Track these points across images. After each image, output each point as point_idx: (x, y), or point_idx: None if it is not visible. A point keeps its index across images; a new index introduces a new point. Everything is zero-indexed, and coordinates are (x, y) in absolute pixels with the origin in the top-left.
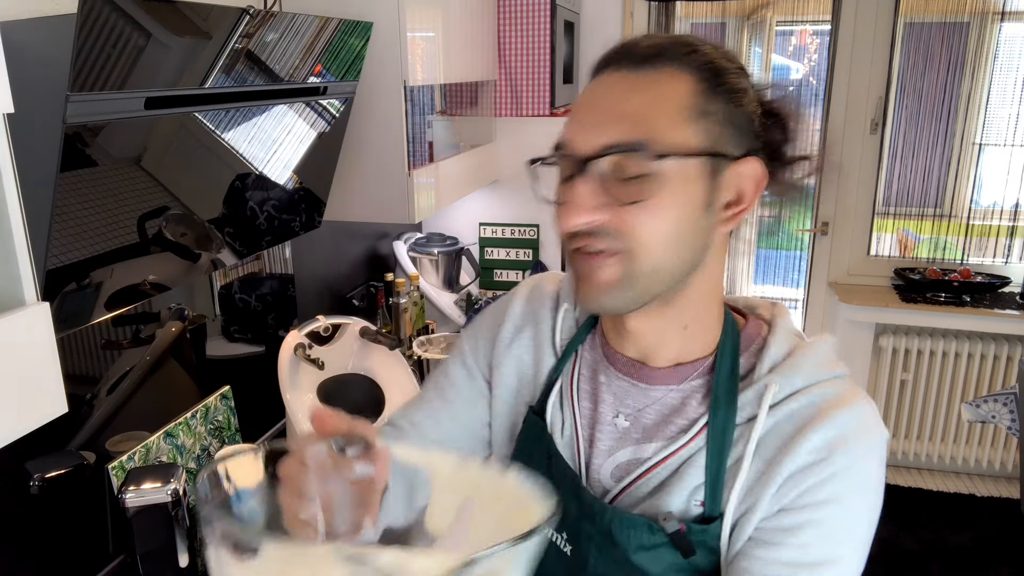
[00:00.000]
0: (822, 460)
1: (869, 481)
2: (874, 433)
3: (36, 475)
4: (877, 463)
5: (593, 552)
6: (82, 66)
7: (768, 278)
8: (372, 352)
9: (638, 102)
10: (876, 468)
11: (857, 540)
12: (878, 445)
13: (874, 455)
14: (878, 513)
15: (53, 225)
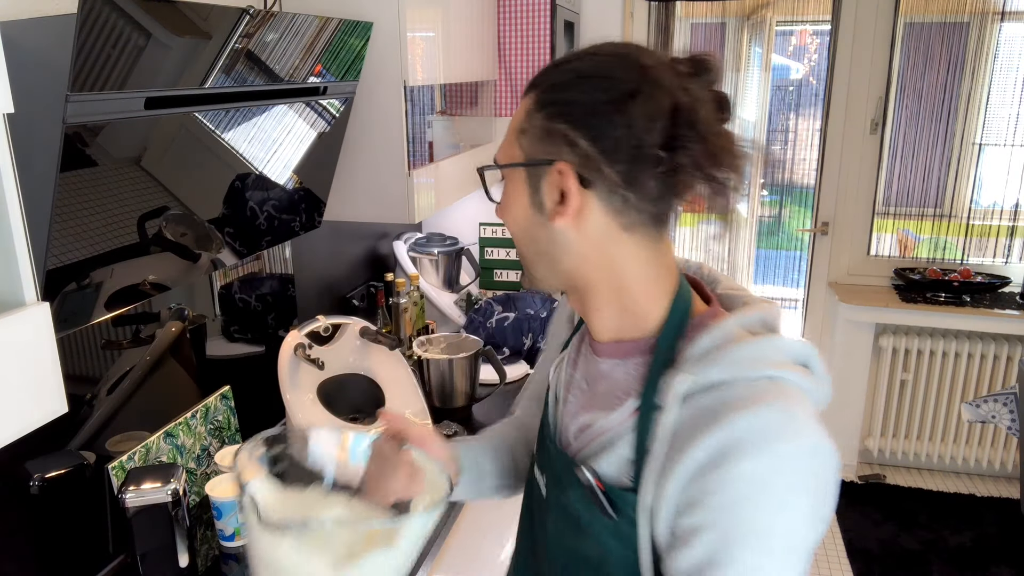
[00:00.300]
0: (717, 463)
1: (771, 490)
2: (778, 444)
3: (36, 475)
4: (782, 474)
5: (554, 494)
6: (82, 66)
7: (768, 278)
8: (372, 352)
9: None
10: (781, 478)
11: (764, 551)
12: (784, 457)
13: (777, 465)
14: (798, 522)
15: (53, 225)
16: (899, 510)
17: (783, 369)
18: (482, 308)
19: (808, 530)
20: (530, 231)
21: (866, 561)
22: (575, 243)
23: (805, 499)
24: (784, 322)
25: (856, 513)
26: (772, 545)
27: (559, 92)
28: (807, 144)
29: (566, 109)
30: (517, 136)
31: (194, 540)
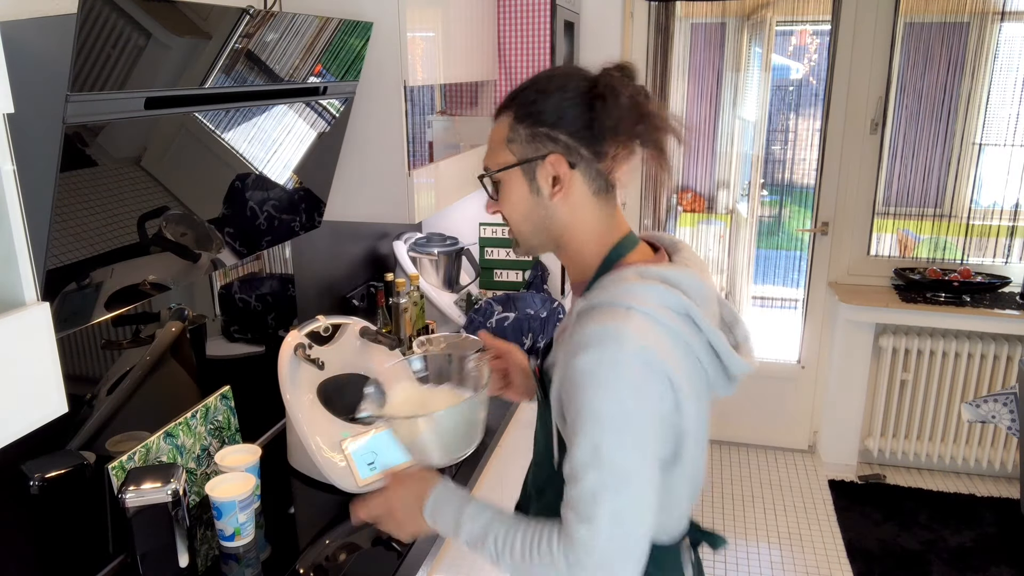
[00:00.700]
0: (569, 360)
1: (597, 379)
2: (604, 345)
3: (36, 475)
4: (604, 367)
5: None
6: (82, 66)
7: (768, 278)
8: (372, 352)
9: (490, 141)
10: (604, 370)
11: (599, 429)
12: (607, 355)
13: (601, 359)
14: (624, 406)
15: (53, 225)
16: (899, 510)
17: (645, 306)
18: (482, 308)
19: (638, 417)
20: (529, 213)
21: (866, 561)
22: (564, 213)
23: (627, 389)
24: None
25: (856, 513)
26: (604, 424)
27: (532, 107)
28: (807, 144)
29: (542, 117)
30: (506, 145)
31: (194, 540)
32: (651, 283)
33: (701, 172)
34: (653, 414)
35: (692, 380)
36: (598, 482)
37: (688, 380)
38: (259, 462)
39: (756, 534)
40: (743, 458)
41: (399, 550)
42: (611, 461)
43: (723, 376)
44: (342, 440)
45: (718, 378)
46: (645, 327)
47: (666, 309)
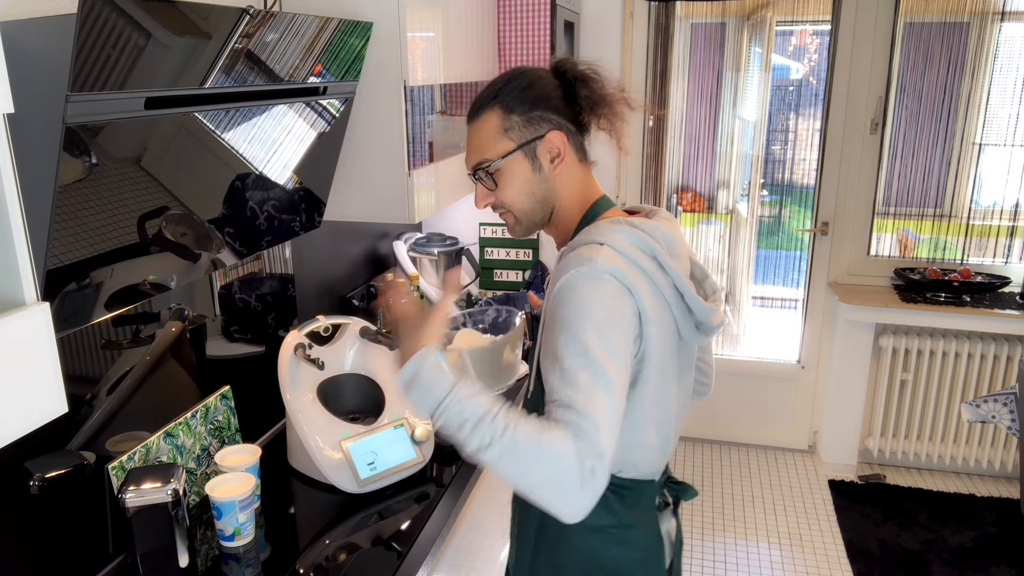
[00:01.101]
0: (553, 287)
1: (573, 294)
2: (579, 268)
3: (36, 475)
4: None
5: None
6: (82, 66)
7: (768, 278)
8: (372, 352)
9: (476, 139)
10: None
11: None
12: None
13: (576, 279)
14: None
15: (53, 225)
16: (899, 510)
17: (615, 242)
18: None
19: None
20: (533, 191)
21: (866, 561)
22: (560, 183)
23: (606, 298)
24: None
25: (856, 513)
26: (589, 326)
27: (523, 95)
28: (807, 144)
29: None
30: (502, 135)
31: (194, 540)
32: (621, 226)
33: (701, 172)
34: (627, 325)
35: (657, 313)
36: (590, 381)
37: (653, 309)
38: (259, 462)
39: (756, 534)
40: (743, 458)
41: (399, 550)
42: (597, 361)
43: (690, 322)
44: (342, 440)
45: (685, 324)
46: (615, 257)
47: (634, 247)
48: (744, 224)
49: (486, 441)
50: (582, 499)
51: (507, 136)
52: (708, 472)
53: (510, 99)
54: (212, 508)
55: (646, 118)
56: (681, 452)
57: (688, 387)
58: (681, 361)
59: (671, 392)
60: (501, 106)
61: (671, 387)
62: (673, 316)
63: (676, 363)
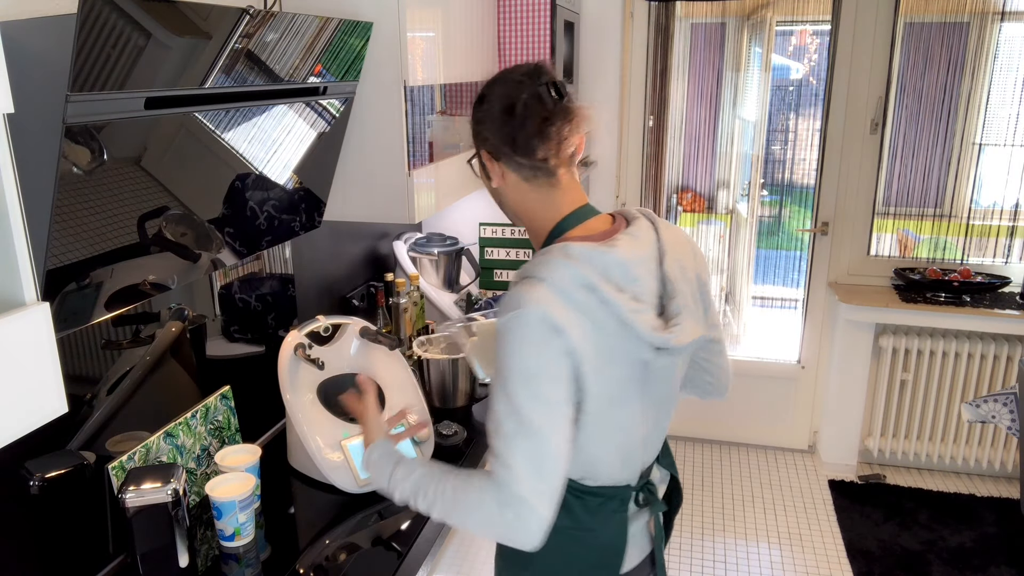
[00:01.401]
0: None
1: (505, 339)
2: (510, 311)
3: (36, 475)
4: (510, 330)
5: None
6: (82, 66)
7: (768, 278)
8: (372, 352)
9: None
10: (510, 333)
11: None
12: (511, 319)
13: (507, 324)
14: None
15: (53, 225)
16: (899, 510)
17: (552, 277)
18: (482, 308)
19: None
20: (492, 193)
21: (866, 561)
22: (506, 195)
23: (530, 347)
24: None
25: (856, 513)
26: (514, 378)
27: (475, 111)
28: (807, 144)
29: (477, 120)
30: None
31: (194, 540)
32: (558, 258)
33: (701, 172)
34: (555, 369)
35: (598, 345)
36: (512, 430)
37: (591, 344)
38: (259, 462)
39: (756, 534)
40: (743, 458)
41: (399, 550)
42: (520, 410)
43: (643, 344)
44: (342, 440)
45: (642, 348)
46: (548, 295)
47: (571, 283)
48: (744, 224)
49: (430, 505)
50: (520, 537)
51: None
52: (708, 472)
53: (474, 110)
54: (212, 508)
55: (646, 118)
56: (681, 452)
57: (666, 399)
58: (648, 380)
59: (631, 414)
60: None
61: (630, 410)
62: (624, 342)
63: (637, 386)
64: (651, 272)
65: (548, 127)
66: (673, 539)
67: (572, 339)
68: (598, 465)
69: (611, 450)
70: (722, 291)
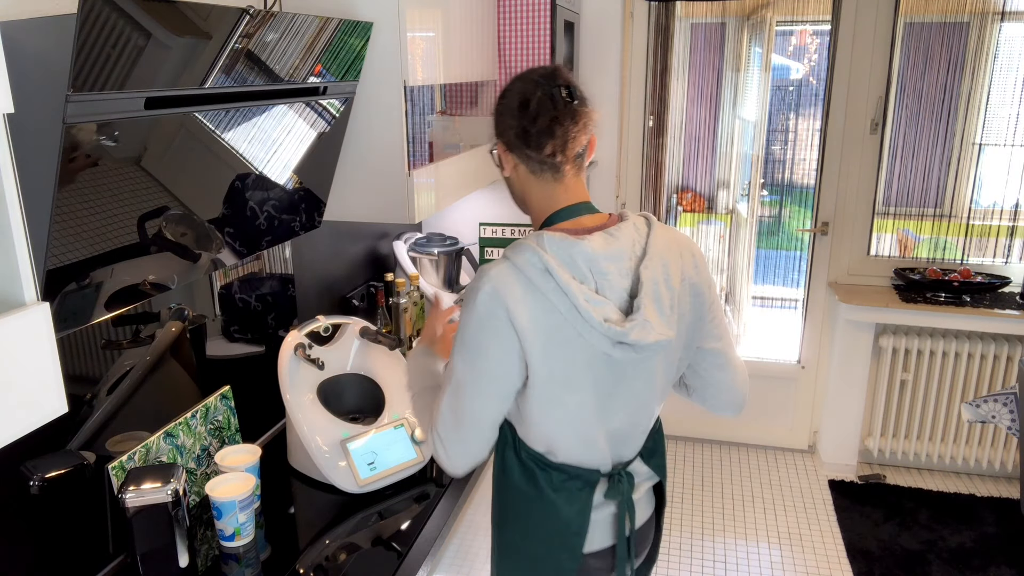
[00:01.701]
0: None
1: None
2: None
3: (36, 475)
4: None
5: None
6: (82, 66)
7: (768, 278)
8: (372, 352)
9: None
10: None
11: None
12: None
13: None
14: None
15: (53, 225)
16: (899, 510)
17: (516, 259)
18: None
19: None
20: (506, 183)
21: (866, 561)
22: (515, 184)
23: (474, 318)
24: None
25: (856, 513)
26: (457, 343)
27: (495, 107)
28: (807, 144)
29: (497, 116)
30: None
31: (194, 540)
32: (529, 243)
33: (701, 172)
34: (494, 342)
35: (547, 327)
36: (447, 386)
37: (539, 325)
38: (259, 462)
39: (756, 534)
40: (743, 458)
41: (399, 550)
42: (455, 371)
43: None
44: (342, 440)
45: (598, 339)
46: (506, 274)
47: (531, 264)
48: (744, 224)
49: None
50: (440, 463)
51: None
52: (708, 472)
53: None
54: (212, 508)
55: (646, 118)
56: (681, 452)
57: (641, 397)
58: (613, 373)
59: (583, 401)
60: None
61: (582, 396)
62: (575, 329)
63: (592, 375)
64: (623, 270)
65: (556, 126)
66: (673, 539)
67: (518, 316)
68: (557, 442)
69: (568, 432)
70: (722, 291)
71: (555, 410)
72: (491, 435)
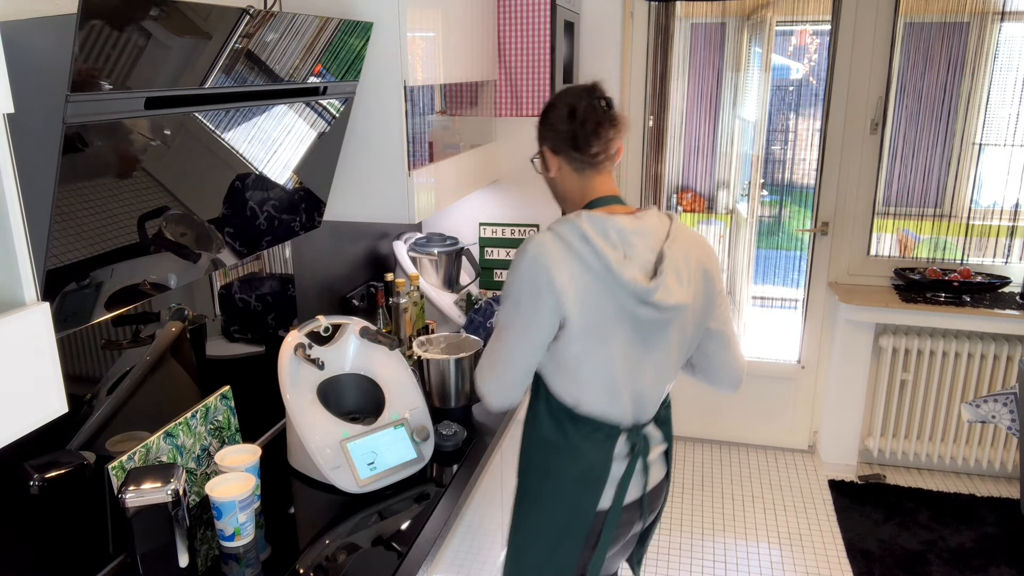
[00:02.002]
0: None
1: (511, 269)
2: (521, 249)
3: (36, 475)
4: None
5: None
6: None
7: (768, 278)
8: (372, 352)
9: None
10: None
11: (503, 298)
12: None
13: (515, 257)
14: (508, 286)
15: (53, 225)
16: (899, 510)
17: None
18: (482, 308)
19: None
20: (548, 183)
21: (866, 561)
22: (559, 182)
23: (517, 276)
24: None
25: (856, 513)
26: (502, 296)
27: (542, 116)
28: (807, 144)
29: (543, 124)
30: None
31: (194, 540)
32: (569, 218)
33: (701, 172)
34: (535, 299)
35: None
36: (494, 333)
37: (578, 283)
38: (259, 462)
39: (756, 534)
40: (743, 458)
41: (399, 550)
42: (500, 321)
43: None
44: (342, 440)
45: (626, 297)
46: (549, 240)
47: (571, 232)
48: (744, 224)
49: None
50: (481, 396)
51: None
52: (708, 472)
53: (540, 117)
54: (212, 508)
55: (646, 118)
56: (681, 452)
57: (661, 360)
58: (638, 332)
59: (612, 353)
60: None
61: (611, 349)
62: (611, 292)
63: (620, 330)
64: (649, 247)
65: (600, 129)
66: (673, 539)
67: (557, 275)
68: (586, 393)
69: (596, 384)
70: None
71: (589, 359)
72: (524, 378)
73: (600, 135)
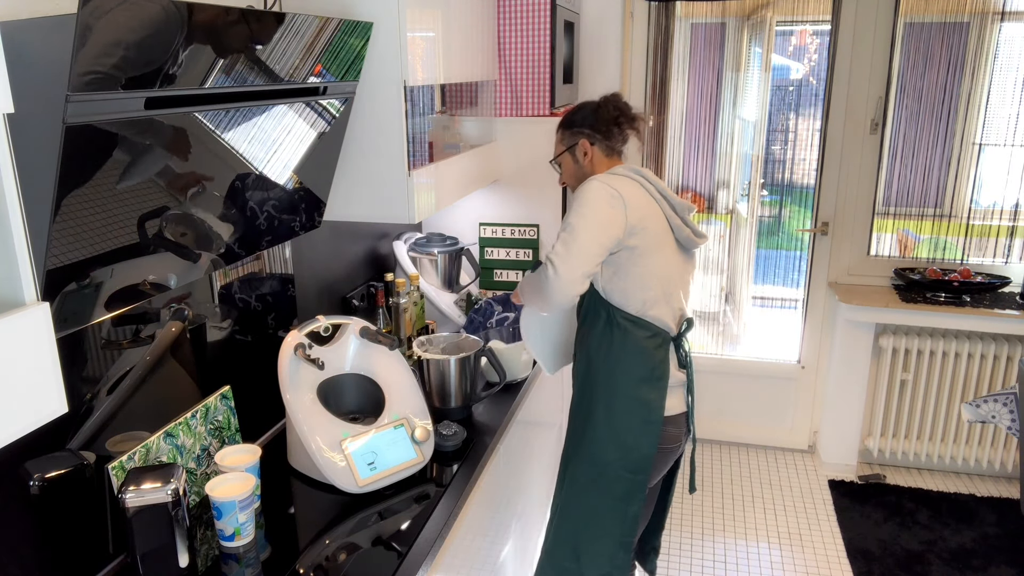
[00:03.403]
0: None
1: (579, 196)
2: (587, 183)
3: (36, 475)
4: (584, 189)
5: None
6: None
7: (768, 278)
8: (372, 352)
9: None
10: (583, 191)
11: (572, 214)
12: (587, 186)
13: (583, 187)
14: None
15: (53, 225)
16: (899, 510)
17: (614, 171)
18: (482, 308)
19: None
20: (576, 174)
21: (866, 561)
22: (587, 166)
23: (590, 195)
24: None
25: (856, 513)
26: (574, 209)
27: (570, 119)
28: (807, 144)
29: (575, 124)
30: (560, 142)
31: (194, 540)
32: (624, 171)
33: (701, 172)
34: (604, 205)
35: (643, 203)
36: (563, 234)
37: (636, 200)
38: (259, 462)
39: (756, 534)
40: (743, 458)
41: (399, 550)
42: (571, 225)
43: (676, 216)
44: (342, 440)
45: (673, 216)
46: (608, 178)
47: (626, 171)
48: (744, 224)
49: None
50: (547, 287)
51: (562, 143)
52: (708, 472)
53: (566, 121)
54: (212, 508)
55: (646, 118)
56: None
57: (688, 279)
58: (677, 248)
59: (665, 261)
60: (562, 127)
61: (664, 258)
62: (660, 207)
63: (667, 242)
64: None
65: (623, 122)
66: (673, 539)
67: (624, 190)
68: (647, 295)
69: (655, 286)
70: (722, 291)
71: (649, 266)
72: (590, 272)
73: (622, 126)
